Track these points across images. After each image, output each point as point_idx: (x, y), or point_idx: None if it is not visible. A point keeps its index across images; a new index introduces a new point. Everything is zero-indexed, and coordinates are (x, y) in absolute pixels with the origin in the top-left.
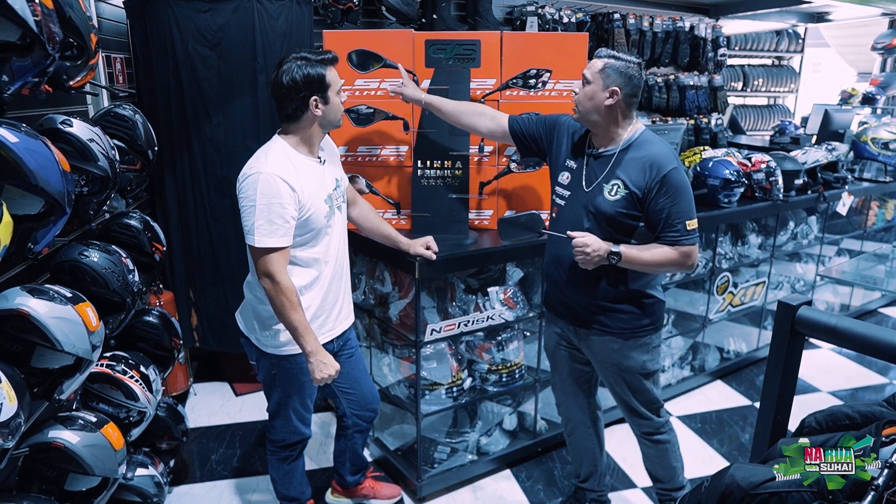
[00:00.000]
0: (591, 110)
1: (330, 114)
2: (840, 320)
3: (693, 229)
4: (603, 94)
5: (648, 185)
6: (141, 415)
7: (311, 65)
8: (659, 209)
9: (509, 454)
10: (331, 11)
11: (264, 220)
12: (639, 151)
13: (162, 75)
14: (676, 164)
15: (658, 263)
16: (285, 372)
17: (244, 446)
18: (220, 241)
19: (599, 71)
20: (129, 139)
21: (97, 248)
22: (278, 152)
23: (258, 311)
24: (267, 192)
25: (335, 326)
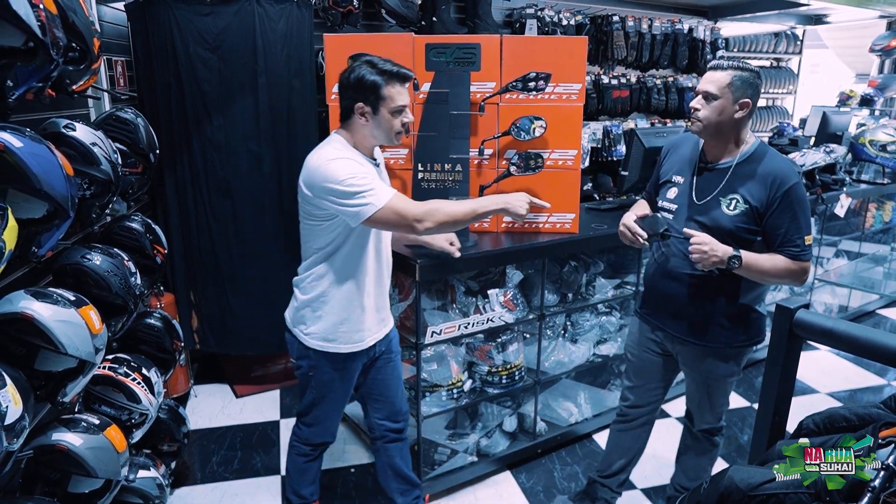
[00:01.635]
0: (718, 125)
1: (377, 129)
2: (837, 323)
3: (810, 245)
4: (733, 107)
5: (770, 200)
6: (143, 417)
7: (371, 71)
8: (778, 224)
9: (509, 455)
10: (331, 14)
11: (366, 185)
12: (758, 164)
13: (163, 78)
14: (798, 179)
15: (776, 274)
16: (323, 372)
17: (245, 448)
18: (221, 243)
19: (728, 85)
20: (131, 142)
21: (99, 251)
22: (338, 144)
23: (305, 306)
24: (348, 170)
25: (379, 329)
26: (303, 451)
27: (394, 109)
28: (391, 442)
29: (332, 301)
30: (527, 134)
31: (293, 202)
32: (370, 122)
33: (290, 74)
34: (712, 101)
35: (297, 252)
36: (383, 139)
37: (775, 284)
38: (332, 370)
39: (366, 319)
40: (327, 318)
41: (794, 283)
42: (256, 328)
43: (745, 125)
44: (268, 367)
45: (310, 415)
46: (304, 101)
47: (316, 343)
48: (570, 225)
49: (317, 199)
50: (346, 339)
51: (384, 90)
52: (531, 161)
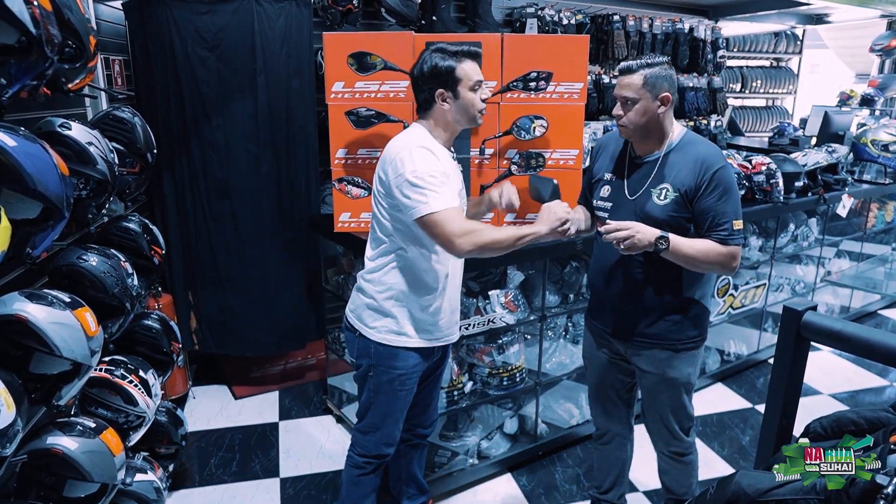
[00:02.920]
0: (645, 125)
1: (461, 110)
2: (846, 325)
3: (739, 230)
4: (654, 104)
5: (698, 184)
6: (140, 419)
7: (443, 57)
8: (706, 207)
9: (510, 458)
10: (330, 13)
11: (430, 184)
12: (685, 152)
13: (161, 77)
14: (725, 163)
15: (704, 259)
16: (383, 371)
17: (243, 450)
18: (220, 243)
19: (643, 85)
20: (128, 142)
21: (96, 252)
22: (420, 131)
23: (372, 299)
24: (420, 162)
25: (449, 331)
26: (357, 463)
27: (472, 86)
28: (415, 447)
29: (403, 293)
30: (528, 133)
31: (292, 202)
32: (453, 105)
33: (290, 74)
34: (632, 104)
35: (296, 251)
36: (466, 121)
37: (706, 271)
38: (395, 370)
39: (441, 314)
40: (397, 311)
41: (723, 269)
42: (255, 329)
43: (668, 118)
44: (267, 368)
45: (365, 420)
46: (303, 100)
47: (382, 336)
48: None
49: (388, 181)
50: (417, 332)
51: (458, 70)
52: (532, 161)
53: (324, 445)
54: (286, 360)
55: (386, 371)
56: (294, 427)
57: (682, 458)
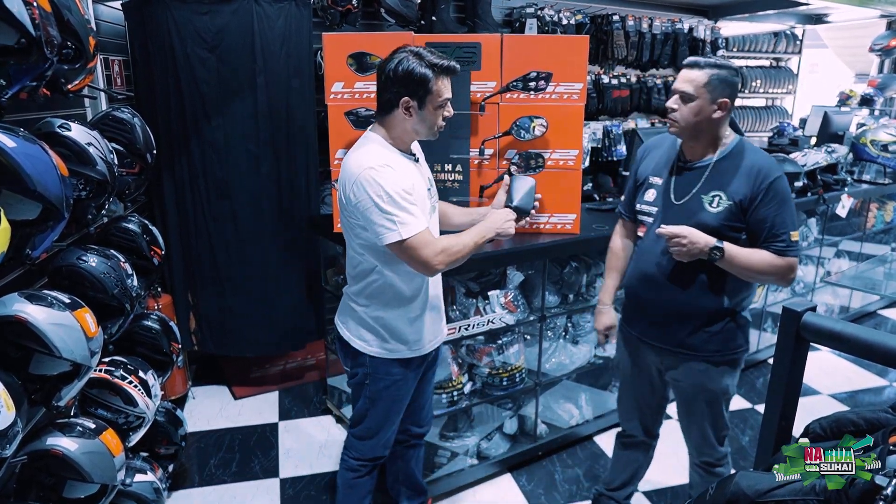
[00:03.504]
0: (696, 126)
1: (420, 124)
2: (846, 326)
3: (796, 241)
4: (711, 107)
5: (754, 193)
6: (140, 420)
7: (420, 63)
8: (762, 218)
9: (510, 458)
10: (330, 13)
11: (397, 210)
12: (739, 160)
13: (161, 77)
14: (781, 173)
15: (760, 269)
16: (380, 380)
17: (243, 450)
18: (220, 244)
19: (705, 85)
20: (128, 142)
21: (95, 252)
22: (375, 146)
23: (360, 314)
24: (385, 183)
25: (438, 334)
26: (352, 466)
27: (439, 104)
28: (411, 447)
29: (389, 308)
30: (527, 133)
31: (292, 202)
32: (414, 117)
33: (289, 74)
34: (689, 101)
35: (296, 251)
36: (424, 134)
37: (761, 282)
38: (390, 377)
39: (425, 324)
40: (385, 326)
41: (780, 281)
42: (255, 329)
43: (723, 124)
44: (266, 368)
45: (362, 425)
46: (302, 100)
47: (374, 350)
48: (571, 226)
49: (356, 204)
50: (406, 346)
51: (433, 84)
52: (532, 161)
53: (323, 446)
54: (286, 361)
55: (382, 378)
56: (294, 427)
57: (714, 469)
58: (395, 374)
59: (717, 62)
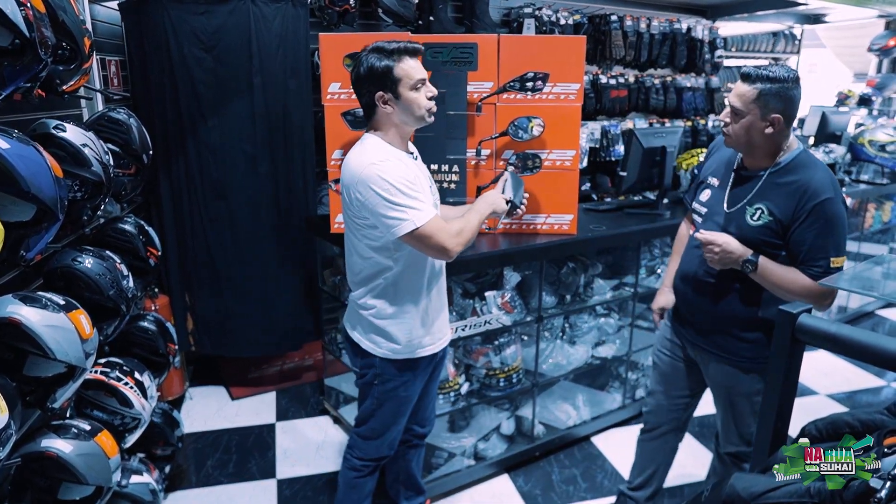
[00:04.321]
0: (749, 141)
1: (405, 112)
2: (840, 328)
3: (838, 267)
4: (762, 123)
5: (796, 213)
6: (136, 421)
7: (379, 57)
8: (802, 240)
9: (507, 459)
10: (327, 13)
11: (408, 200)
12: (792, 175)
13: (157, 78)
14: (833, 195)
15: (792, 290)
16: (388, 380)
17: (240, 451)
18: (217, 244)
19: (754, 100)
20: (124, 143)
21: (91, 253)
22: (374, 144)
23: (368, 316)
24: (390, 177)
25: (446, 332)
26: (355, 466)
27: (413, 85)
28: (413, 447)
29: (396, 312)
30: (525, 133)
31: (289, 203)
32: (396, 107)
33: (286, 75)
34: (738, 118)
35: (294, 252)
36: (414, 121)
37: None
38: (400, 378)
39: (434, 323)
40: (394, 330)
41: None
42: (253, 330)
43: (779, 138)
44: (264, 368)
45: (367, 425)
46: (300, 101)
47: (384, 352)
48: (569, 226)
49: (363, 201)
50: (416, 346)
51: (397, 69)
52: (529, 161)
53: (321, 446)
54: (283, 361)
55: (392, 379)
56: (291, 428)
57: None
58: (405, 376)
59: (771, 73)
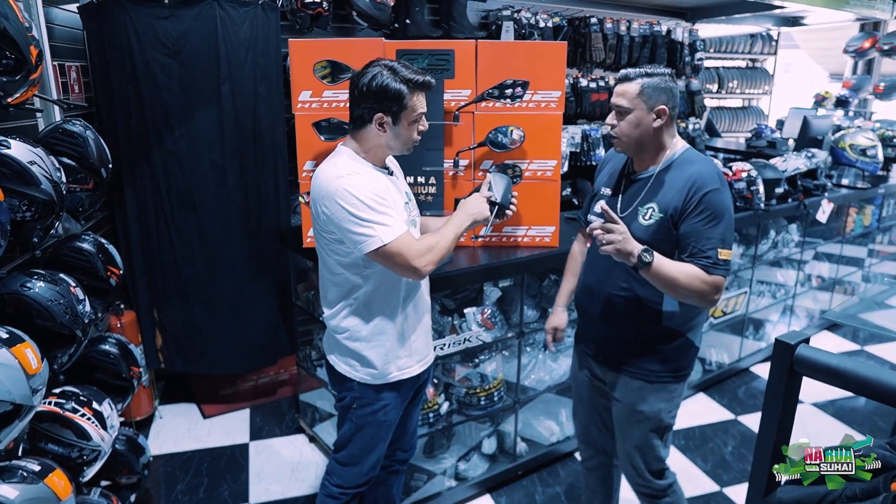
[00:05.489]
0: (639, 138)
1: (394, 140)
2: (842, 361)
3: (725, 260)
4: (649, 116)
5: (685, 205)
6: (95, 453)
7: (395, 78)
8: (689, 231)
9: (489, 479)
10: (299, 17)
11: (374, 215)
12: (679, 171)
13: (120, 85)
14: (720, 186)
15: (684, 285)
16: (368, 405)
17: (212, 474)
18: (185, 258)
19: (638, 95)
20: (80, 157)
21: (41, 277)
22: (345, 158)
23: (344, 339)
24: (357, 191)
25: (428, 353)
26: (332, 493)
27: (414, 119)
28: (394, 473)
29: (371, 334)
30: (504, 137)
31: (261, 214)
32: (388, 132)
33: (256, 81)
34: (625, 115)
35: (266, 265)
36: (398, 149)
37: (685, 299)
38: (379, 403)
39: (412, 344)
40: (370, 353)
41: (702, 301)
42: (224, 346)
43: (666, 132)
44: (238, 384)
45: (345, 451)
46: (271, 108)
47: (362, 376)
48: (550, 238)
49: (329, 216)
50: (395, 369)
51: (407, 100)
52: (509, 172)
53: (295, 468)
54: (258, 376)
55: (371, 403)
56: (265, 448)
57: (655, 501)
58: (385, 399)
59: (648, 70)
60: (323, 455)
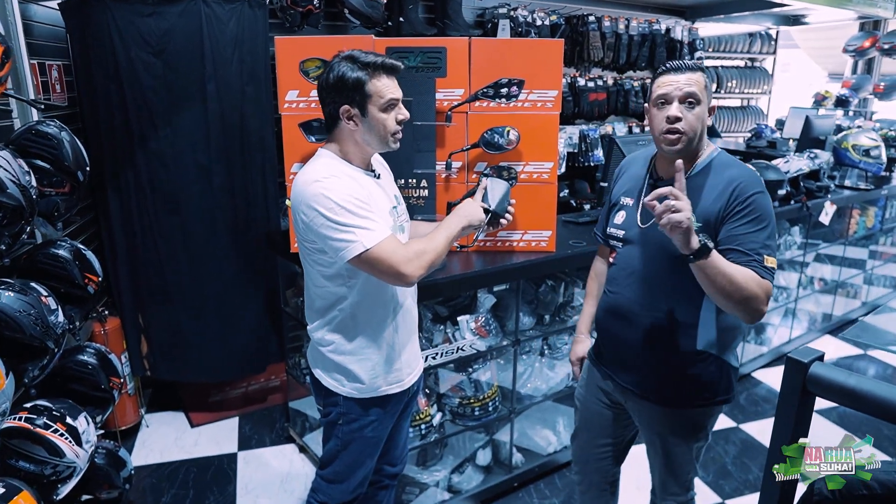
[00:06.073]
0: (698, 135)
1: (369, 133)
2: (860, 381)
3: (771, 268)
4: (706, 111)
5: (728, 208)
6: (70, 469)
7: (352, 67)
8: (734, 233)
9: (483, 491)
10: (289, 15)
11: (355, 219)
12: (718, 174)
13: (103, 84)
14: (763, 189)
15: (740, 285)
16: (354, 420)
17: (198, 485)
18: (170, 263)
19: (705, 87)
20: (54, 159)
21: (9, 287)
22: (325, 158)
23: (328, 352)
24: (335, 195)
25: (416, 366)
26: None
27: (384, 105)
28: (383, 488)
29: (357, 347)
30: (501, 138)
31: (249, 217)
32: (360, 125)
33: (243, 80)
34: (696, 105)
35: (254, 269)
36: (378, 144)
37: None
38: (366, 418)
39: (400, 356)
40: (356, 367)
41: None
42: (211, 353)
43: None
44: (227, 391)
45: (331, 468)
46: (258, 108)
47: (348, 391)
48: (547, 243)
49: (308, 223)
50: (382, 383)
51: (369, 85)
52: (504, 174)
53: (285, 479)
54: (248, 383)
55: (357, 419)
56: (254, 458)
57: None
58: (372, 415)
59: (698, 63)
60: (313, 466)
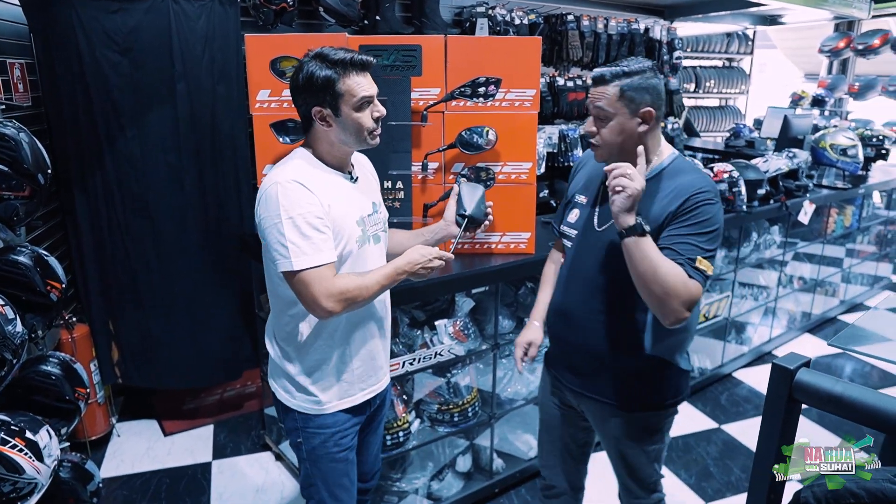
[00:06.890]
0: (622, 146)
1: (344, 132)
2: (847, 388)
3: (702, 270)
4: (633, 121)
5: (678, 211)
6: (31, 486)
7: (321, 65)
8: (672, 235)
9: (464, 498)
10: (262, 12)
11: (296, 236)
12: (671, 180)
13: (68, 84)
14: (715, 199)
15: (663, 275)
16: (313, 440)
17: (171, 497)
18: (141, 266)
19: (619, 98)
20: (12, 161)
21: None
22: (298, 160)
23: (281, 363)
24: (289, 203)
25: (378, 380)
26: None
27: (357, 104)
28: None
29: (304, 356)
30: (479, 137)
31: (220, 219)
32: (334, 125)
33: (214, 79)
34: (606, 121)
35: (227, 273)
36: (355, 143)
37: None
38: (324, 432)
39: (355, 371)
40: (303, 377)
41: (668, 305)
42: (183, 359)
43: (652, 137)
44: (201, 398)
45: (308, 491)
46: (230, 108)
47: (298, 404)
48: (526, 245)
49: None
50: (334, 398)
51: (340, 84)
52: (482, 174)
53: (260, 489)
54: (223, 389)
55: (315, 434)
56: (229, 467)
57: None
58: (331, 428)
59: (626, 68)
60: (289, 474)
